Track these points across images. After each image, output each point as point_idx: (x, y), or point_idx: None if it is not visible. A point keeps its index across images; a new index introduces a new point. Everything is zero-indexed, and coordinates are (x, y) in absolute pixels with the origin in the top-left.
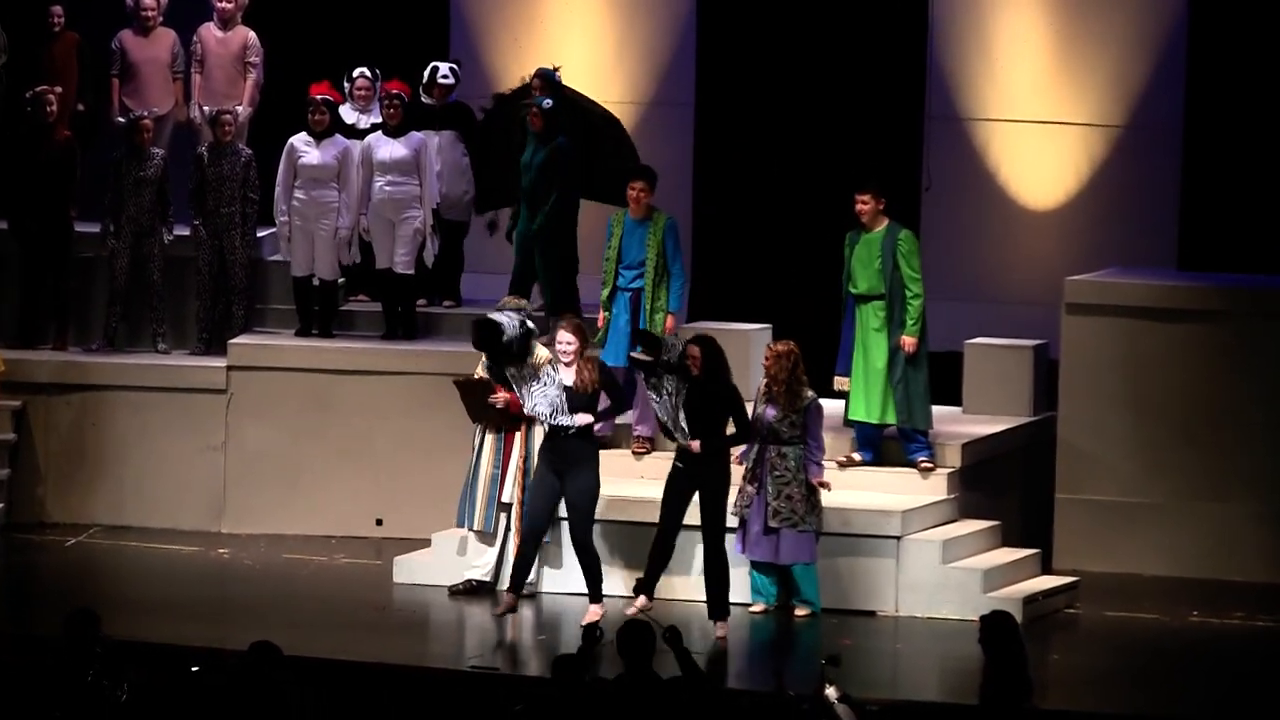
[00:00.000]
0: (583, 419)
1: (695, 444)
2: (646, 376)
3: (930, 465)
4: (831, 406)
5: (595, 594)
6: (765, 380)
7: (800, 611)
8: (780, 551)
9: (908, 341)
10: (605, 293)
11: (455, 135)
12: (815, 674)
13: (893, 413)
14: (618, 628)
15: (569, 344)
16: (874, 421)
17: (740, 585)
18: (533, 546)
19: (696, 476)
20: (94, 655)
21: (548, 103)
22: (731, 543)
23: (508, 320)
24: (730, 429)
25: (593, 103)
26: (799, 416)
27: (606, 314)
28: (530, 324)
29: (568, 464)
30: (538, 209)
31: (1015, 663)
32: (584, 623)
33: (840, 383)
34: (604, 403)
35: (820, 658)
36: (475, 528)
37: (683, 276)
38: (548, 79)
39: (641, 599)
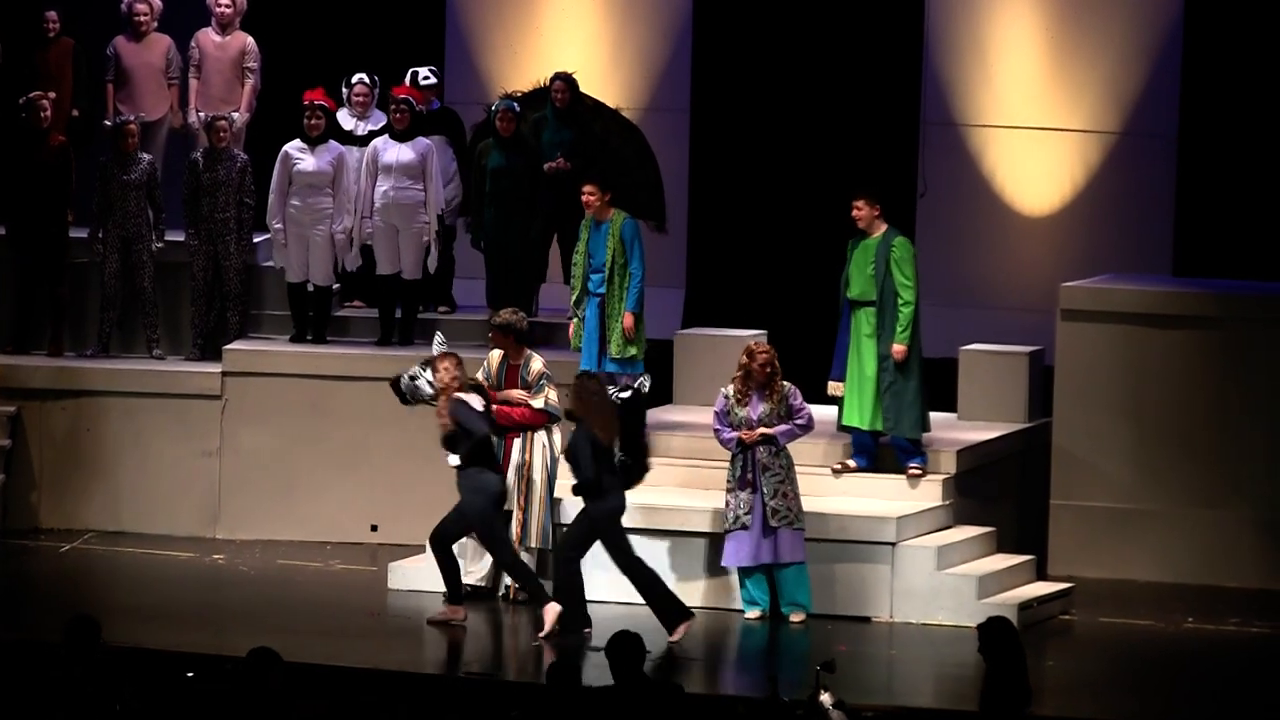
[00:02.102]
0: (454, 461)
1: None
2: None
3: (919, 472)
4: (826, 412)
5: (453, 595)
6: (751, 380)
7: (796, 617)
8: (779, 551)
9: (896, 350)
10: (574, 296)
11: (444, 140)
12: (810, 680)
13: (880, 420)
14: (608, 638)
15: (448, 373)
16: (865, 428)
17: (731, 592)
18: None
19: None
20: (94, 662)
21: (516, 105)
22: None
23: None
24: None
25: (614, 111)
26: (782, 407)
27: (578, 318)
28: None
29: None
30: (513, 214)
31: (1015, 670)
32: (434, 618)
33: (834, 388)
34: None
35: (815, 663)
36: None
37: (640, 275)
38: (570, 83)
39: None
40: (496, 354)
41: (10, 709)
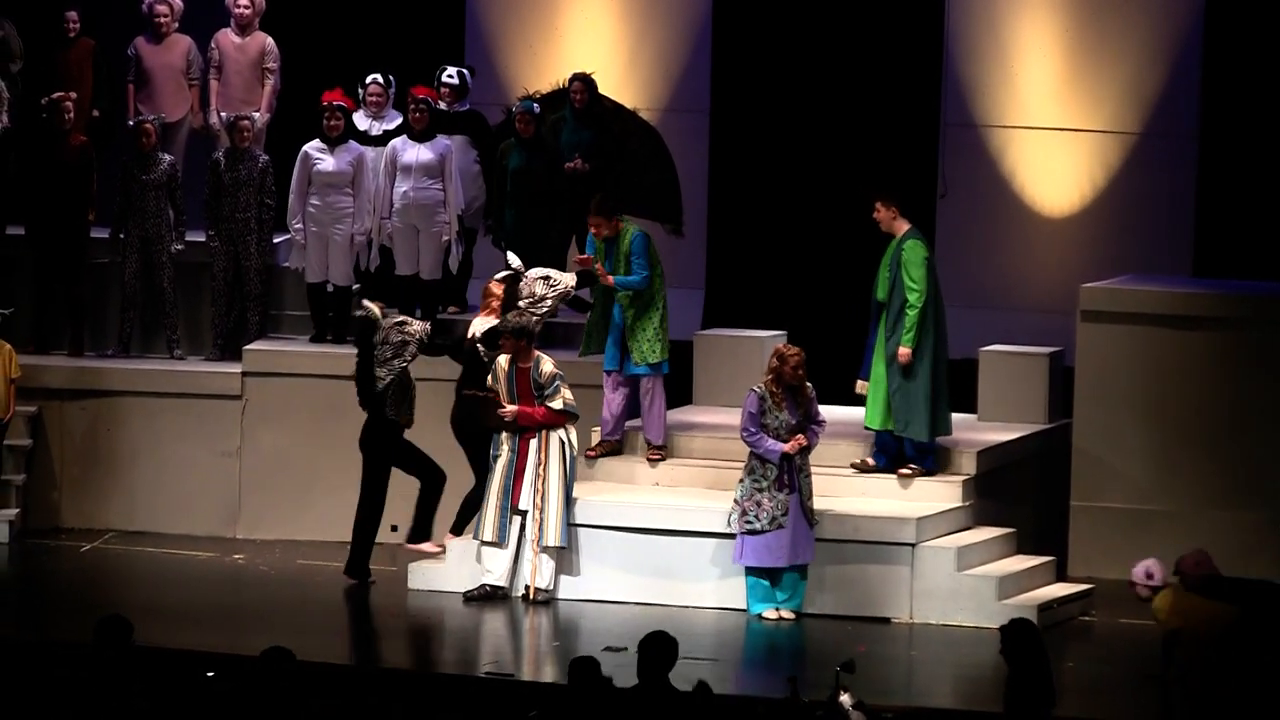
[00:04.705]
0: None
1: None
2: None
3: (909, 474)
4: (855, 412)
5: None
6: (782, 383)
7: (789, 615)
8: (810, 551)
9: (901, 352)
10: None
11: (466, 140)
12: (830, 680)
13: (893, 420)
14: (640, 639)
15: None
16: (879, 428)
17: (739, 593)
18: None
19: None
20: (104, 661)
21: (536, 107)
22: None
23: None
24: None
25: (631, 112)
26: (809, 407)
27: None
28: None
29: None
30: (533, 215)
31: (1039, 671)
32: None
33: (860, 387)
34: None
35: (835, 664)
36: (487, 539)
37: (639, 277)
38: (589, 84)
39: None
40: (504, 359)
41: (22, 709)
